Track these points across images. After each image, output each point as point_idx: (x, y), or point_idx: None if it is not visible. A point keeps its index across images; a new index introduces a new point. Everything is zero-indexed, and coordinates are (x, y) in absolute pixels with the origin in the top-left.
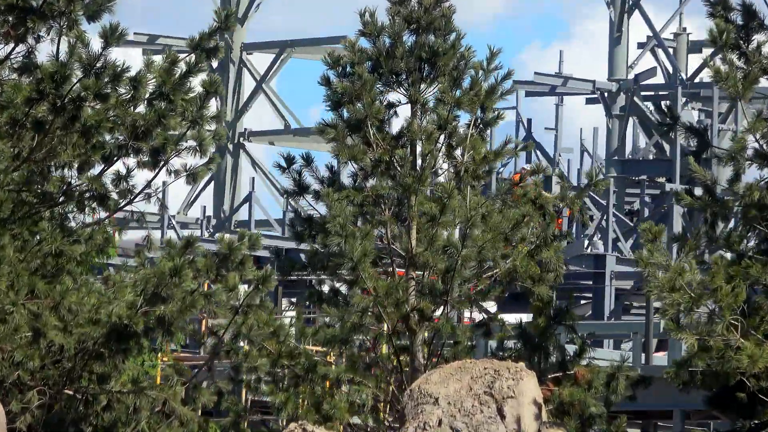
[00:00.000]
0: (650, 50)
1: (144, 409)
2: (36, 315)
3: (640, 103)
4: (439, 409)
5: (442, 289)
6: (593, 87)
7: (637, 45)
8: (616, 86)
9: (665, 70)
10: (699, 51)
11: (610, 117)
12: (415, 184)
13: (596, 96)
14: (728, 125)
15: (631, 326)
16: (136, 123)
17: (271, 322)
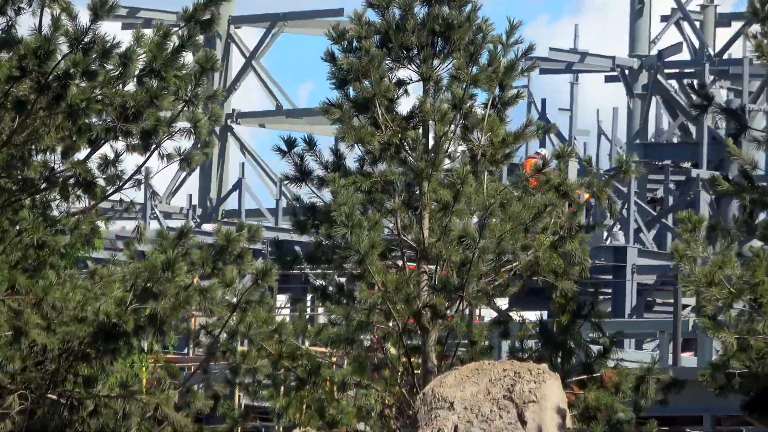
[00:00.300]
0: (675, 24)
1: (134, 415)
2: (17, 312)
3: (663, 82)
4: (454, 414)
5: (457, 284)
6: (613, 64)
7: (661, 18)
8: (638, 63)
9: (691, 45)
10: (728, 24)
11: (631, 96)
12: (428, 168)
13: (616, 74)
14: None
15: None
16: (126, 103)
17: (271, 320)
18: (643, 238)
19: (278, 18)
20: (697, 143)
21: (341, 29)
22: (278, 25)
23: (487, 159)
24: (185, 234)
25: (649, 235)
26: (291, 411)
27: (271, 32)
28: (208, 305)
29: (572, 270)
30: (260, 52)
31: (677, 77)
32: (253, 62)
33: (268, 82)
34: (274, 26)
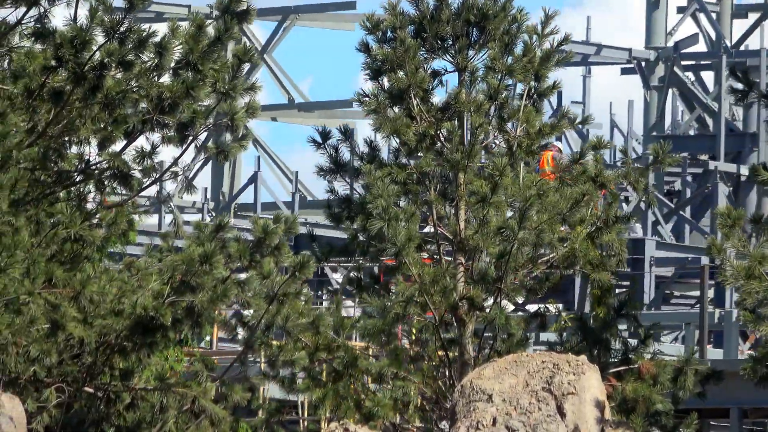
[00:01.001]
0: (691, 15)
1: (171, 408)
2: (54, 306)
3: (680, 73)
4: (493, 406)
5: (494, 276)
6: (629, 56)
7: (677, 9)
8: (655, 55)
9: (708, 36)
10: (745, 16)
11: (647, 89)
12: (464, 160)
13: (632, 66)
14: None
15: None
16: (162, 95)
17: (307, 312)
18: (661, 231)
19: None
20: (714, 135)
21: (376, 19)
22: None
23: (523, 150)
24: (223, 227)
25: (666, 228)
26: (327, 403)
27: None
28: (245, 298)
29: (609, 261)
30: (272, 46)
31: (694, 69)
32: (265, 56)
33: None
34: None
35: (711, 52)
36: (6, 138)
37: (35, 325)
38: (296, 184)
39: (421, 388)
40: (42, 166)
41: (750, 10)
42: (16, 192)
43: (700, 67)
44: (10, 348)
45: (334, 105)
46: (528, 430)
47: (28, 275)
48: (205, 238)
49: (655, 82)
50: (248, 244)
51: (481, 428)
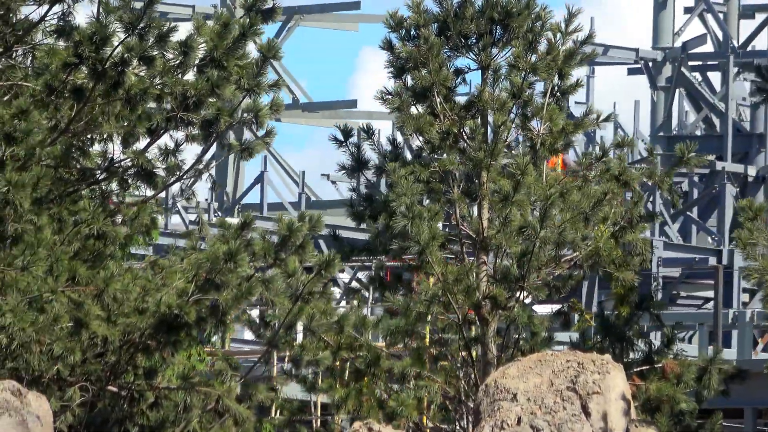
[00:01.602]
0: (698, 15)
1: (195, 407)
2: (77, 304)
3: (687, 74)
4: (517, 405)
5: (517, 275)
6: (636, 56)
7: (684, 9)
8: (662, 55)
9: (715, 37)
10: (752, 16)
11: (654, 89)
12: (487, 158)
13: (639, 66)
14: None
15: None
16: (187, 92)
17: (330, 312)
18: (668, 231)
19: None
20: (721, 136)
21: (399, 17)
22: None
23: (546, 148)
24: (248, 224)
25: (673, 228)
26: (350, 402)
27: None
28: (269, 296)
29: (633, 260)
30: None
31: (701, 69)
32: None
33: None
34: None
35: (718, 52)
36: (29, 135)
37: (59, 323)
38: (303, 184)
39: (444, 387)
40: (64, 164)
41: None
42: (38, 190)
43: (707, 67)
44: (33, 346)
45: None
46: (553, 430)
47: (51, 273)
48: (230, 236)
49: (662, 83)
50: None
51: (506, 428)
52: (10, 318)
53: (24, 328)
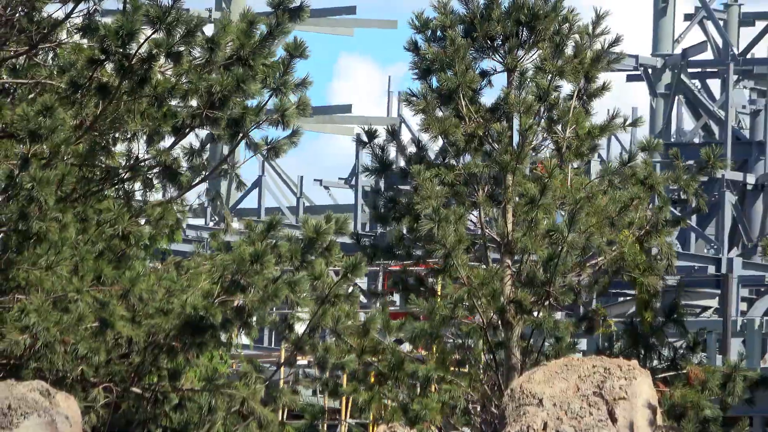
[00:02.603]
0: (698, 23)
1: (220, 409)
2: (102, 304)
3: (687, 81)
4: (543, 411)
5: (543, 279)
6: (636, 63)
7: (684, 17)
8: (662, 62)
9: (715, 44)
10: (752, 24)
11: (654, 96)
12: (513, 161)
13: (639, 73)
14: None
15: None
16: (212, 89)
17: (353, 314)
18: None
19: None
20: (721, 143)
21: (425, 18)
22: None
23: (572, 152)
24: (274, 226)
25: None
26: (373, 406)
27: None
28: (294, 299)
29: (658, 265)
30: None
31: (700, 76)
32: None
33: None
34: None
35: (718, 59)
36: (54, 133)
37: (83, 323)
38: (301, 188)
39: (468, 392)
40: (89, 162)
41: (757, 18)
42: (63, 188)
43: (707, 74)
44: (57, 346)
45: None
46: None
47: (76, 273)
48: (256, 238)
49: (661, 90)
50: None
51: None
52: (34, 318)
53: (48, 327)
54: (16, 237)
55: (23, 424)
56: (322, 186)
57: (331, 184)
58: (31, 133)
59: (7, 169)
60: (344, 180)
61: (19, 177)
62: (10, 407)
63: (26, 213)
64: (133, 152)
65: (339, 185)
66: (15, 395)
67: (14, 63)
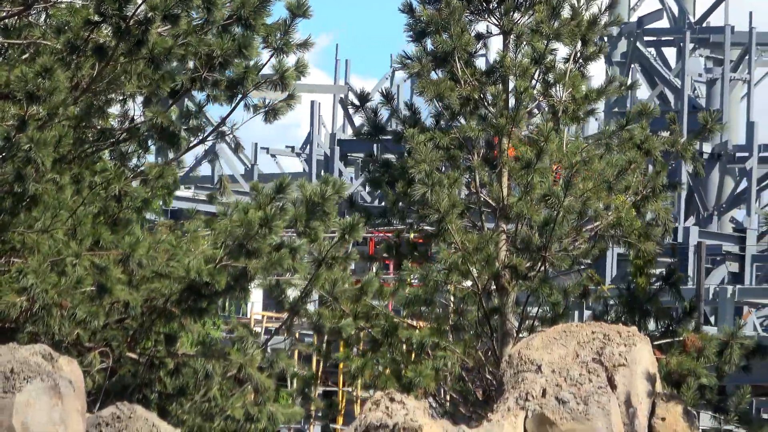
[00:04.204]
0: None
1: (216, 375)
2: (101, 269)
3: (643, 49)
4: (542, 377)
5: (539, 244)
6: None
7: None
8: (617, 30)
9: (671, 12)
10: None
11: (609, 64)
12: (508, 125)
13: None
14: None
15: None
16: (213, 52)
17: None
18: None
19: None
20: (677, 112)
21: None
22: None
23: (568, 115)
24: (283, 189)
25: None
26: (367, 372)
27: None
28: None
29: (655, 231)
30: None
31: (656, 45)
32: None
33: None
34: None
35: (674, 28)
36: (53, 94)
37: (81, 286)
38: (256, 155)
39: (462, 358)
40: (86, 124)
41: None
42: (60, 149)
43: (663, 43)
44: (54, 310)
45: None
46: (579, 402)
47: (73, 236)
48: (264, 201)
49: (617, 57)
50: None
51: (531, 399)
52: (32, 279)
53: (47, 289)
54: (12, 199)
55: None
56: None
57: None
58: (29, 95)
59: (4, 130)
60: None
61: (16, 138)
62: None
63: (23, 175)
64: (128, 114)
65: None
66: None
67: (6, 23)
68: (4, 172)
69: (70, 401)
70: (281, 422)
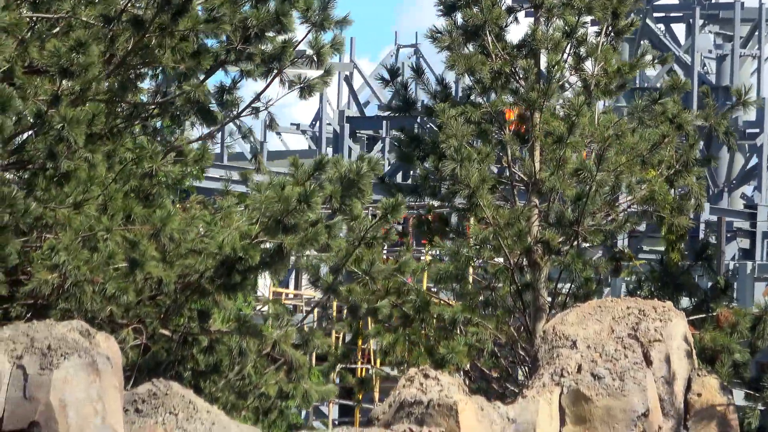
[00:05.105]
0: None
1: (251, 352)
2: (132, 244)
3: (652, 26)
4: (577, 353)
5: (572, 219)
6: None
7: None
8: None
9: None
10: None
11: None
12: (540, 99)
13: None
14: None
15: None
16: (248, 23)
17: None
18: None
19: None
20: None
21: None
22: None
23: (600, 89)
24: (322, 166)
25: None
26: (398, 349)
27: None
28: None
29: (687, 205)
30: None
31: (665, 21)
32: None
33: None
34: None
35: (684, 3)
36: (88, 69)
37: (113, 262)
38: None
39: (495, 334)
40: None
41: None
42: (93, 127)
43: (672, 19)
44: (87, 286)
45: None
46: (614, 378)
47: (105, 212)
48: (303, 177)
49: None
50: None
51: (566, 375)
52: (64, 256)
53: (78, 266)
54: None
55: (63, 365)
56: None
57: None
58: (63, 70)
59: (36, 107)
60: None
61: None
62: (50, 348)
63: (55, 152)
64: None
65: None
66: (54, 335)
67: None
68: (36, 148)
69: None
70: (315, 400)
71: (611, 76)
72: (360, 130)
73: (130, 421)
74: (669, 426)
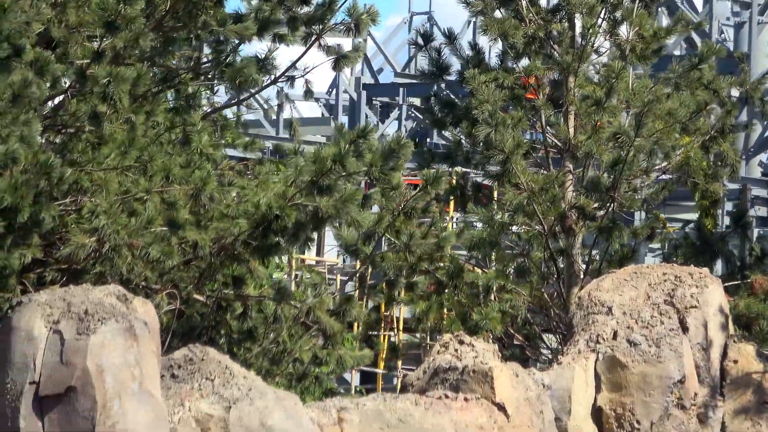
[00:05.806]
0: None
1: (286, 319)
2: (170, 204)
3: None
4: (613, 319)
5: (608, 184)
6: None
7: None
8: None
9: None
10: None
11: None
12: (575, 63)
13: None
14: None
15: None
16: None
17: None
18: None
19: None
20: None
21: None
22: None
23: (636, 54)
24: (367, 133)
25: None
26: (431, 316)
27: None
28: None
29: (723, 171)
30: None
31: None
32: None
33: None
34: None
35: None
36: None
37: (152, 226)
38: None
39: (529, 300)
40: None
41: None
42: (139, 86)
43: None
44: (124, 251)
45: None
46: (650, 344)
47: (144, 174)
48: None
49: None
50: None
51: (601, 342)
52: (104, 219)
53: (118, 230)
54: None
55: (100, 329)
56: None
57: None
58: (108, 24)
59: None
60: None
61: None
62: (87, 312)
63: (98, 114)
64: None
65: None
66: (91, 300)
67: None
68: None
69: (145, 343)
70: (350, 365)
71: (648, 41)
72: (376, 97)
73: (166, 386)
74: (705, 393)
